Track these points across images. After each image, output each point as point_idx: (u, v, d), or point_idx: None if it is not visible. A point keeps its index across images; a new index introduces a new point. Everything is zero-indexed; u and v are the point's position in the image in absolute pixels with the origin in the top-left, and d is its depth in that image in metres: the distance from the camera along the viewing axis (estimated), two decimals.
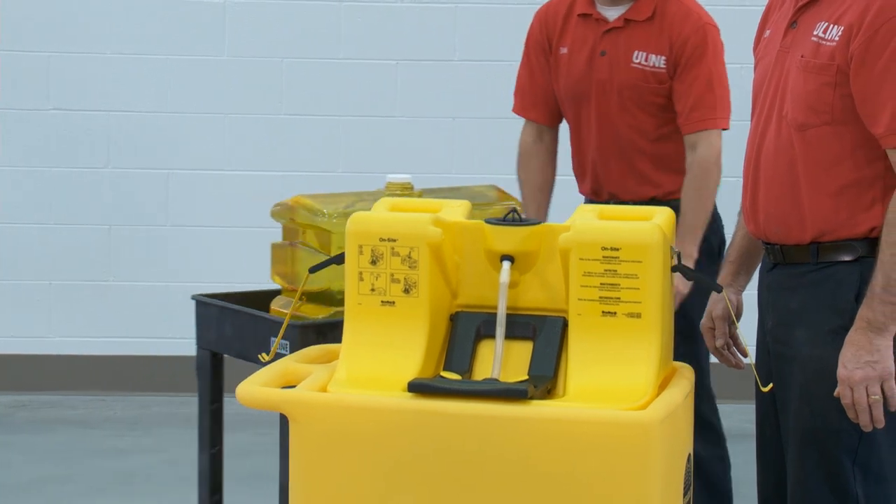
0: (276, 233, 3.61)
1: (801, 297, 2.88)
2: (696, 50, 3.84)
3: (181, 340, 6.07)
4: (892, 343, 2.76)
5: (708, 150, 3.82)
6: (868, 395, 2.75)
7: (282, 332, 3.00)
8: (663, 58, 3.85)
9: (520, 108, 4.07)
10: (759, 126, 2.94)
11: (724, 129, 3.86)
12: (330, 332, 3.33)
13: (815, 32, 2.84)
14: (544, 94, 4.01)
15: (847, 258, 2.84)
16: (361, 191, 3.67)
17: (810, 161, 2.85)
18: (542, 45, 3.98)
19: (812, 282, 2.87)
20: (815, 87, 2.83)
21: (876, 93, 2.76)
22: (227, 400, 3.73)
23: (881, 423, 2.77)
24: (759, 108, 2.95)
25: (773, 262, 2.94)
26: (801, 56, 2.85)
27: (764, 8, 3.05)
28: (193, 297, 3.70)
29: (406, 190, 3.23)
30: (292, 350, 3.28)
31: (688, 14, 3.87)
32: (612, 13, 3.89)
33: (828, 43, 2.81)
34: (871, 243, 2.82)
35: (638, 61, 3.86)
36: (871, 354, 2.75)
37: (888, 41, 2.75)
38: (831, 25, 2.81)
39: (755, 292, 3.01)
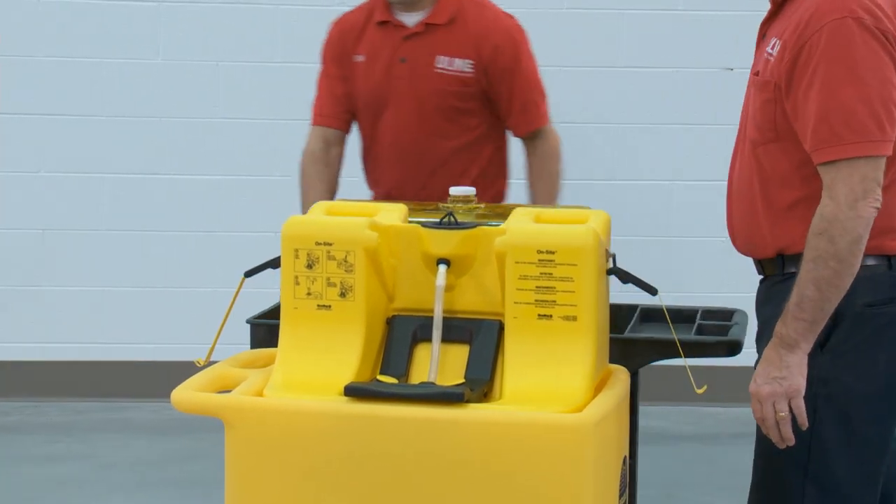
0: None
1: (770, 308, 2.88)
2: (511, 57, 3.83)
3: (115, 345, 6.04)
4: (803, 360, 2.74)
5: (546, 143, 3.92)
6: (776, 412, 2.74)
7: (217, 335, 2.98)
8: (469, 62, 3.79)
9: (318, 119, 3.96)
10: (736, 144, 2.97)
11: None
12: None
13: (767, 48, 2.84)
14: (341, 103, 3.92)
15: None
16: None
17: (764, 178, 2.85)
18: (338, 54, 3.90)
19: (778, 293, 2.86)
20: (760, 104, 2.84)
21: (802, 110, 2.75)
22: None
23: (791, 440, 2.74)
24: (739, 126, 2.96)
25: (758, 275, 2.97)
26: (756, 73, 2.87)
27: None
28: (249, 321, 3.33)
29: (468, 201, 3.08)
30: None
31: (493, 19, 3.84)
32: (411, 19, 3.82)
33: (771, 59, 2.82)
34: None
35: (442, 66, 3.79)
36: (779, 371, 2.73)
37: (811, 57, 2.73)
38: (777, 41, 2.81)
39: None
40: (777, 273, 2.89)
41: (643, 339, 3.15)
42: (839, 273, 2.70)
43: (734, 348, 3.12)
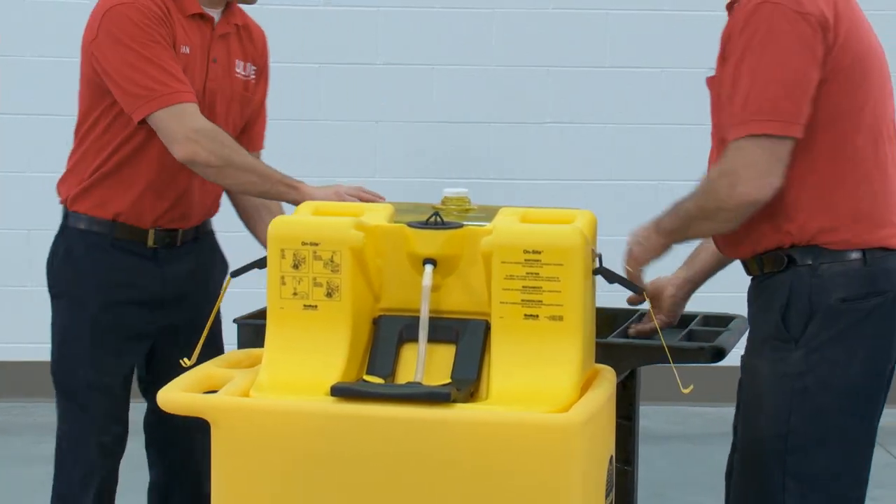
0: None
1: (755, 308, 2.95)
2: (267, 64, 3.66)
3: None
4: (659, 246, 2.92)
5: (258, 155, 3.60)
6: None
7: (204, 335, 2.98)
8: (254, 69, 3.55)
9: (188, 95, 3.28)
10: (711, 149, 3.00)
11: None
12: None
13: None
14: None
15: (777, 269, 2.87)
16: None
17: None
18: (168, 36, 3.32)
19: (762, 291, 2.91)
20: (713, 103, 2.91)
21: (726, 93, 2.81)
22: None
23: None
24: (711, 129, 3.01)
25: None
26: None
27: None
28: (236, 321, 3.35)
29: (461, 204, 3.07)
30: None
31: (257, 25, 3.62)
32: (216, 15, 3.44)
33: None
34: (806, 253, 2.84)
35: (238, 71, 3.51)
36: (645, 239, 2.94)
37: (730, 42, 2.81)
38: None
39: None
40: (759, 273, 2.90)
41: (627, 345, 3.15)
42: (711, 220, 2.83)
43: (718, 355, 3.12)
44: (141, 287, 3.40)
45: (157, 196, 3.38)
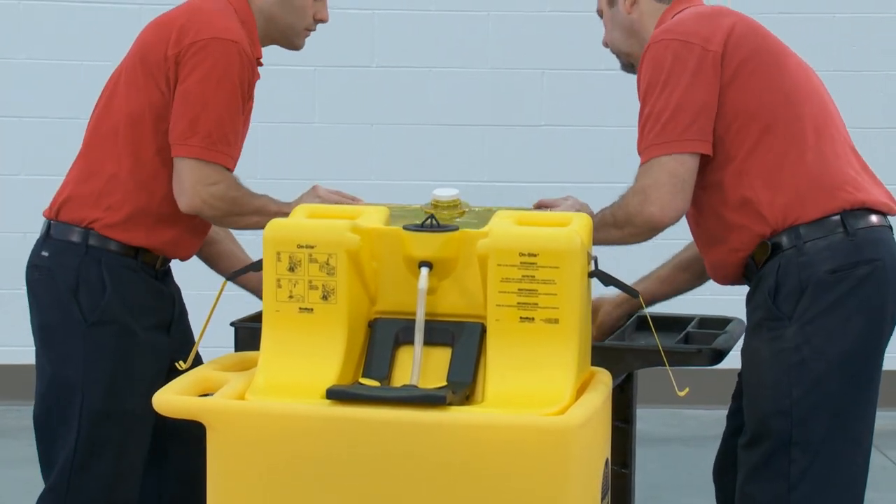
0: None
1: (751, 306, 3.05)
2: None
3: None
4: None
5: None
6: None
7: (199, 337, 2.98)
8: None
9: (230, 161, 3.21)
10: None
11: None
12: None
13: None
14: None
15: (766, 258, 2.97)
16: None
17: (699, 213, 3.10)
18: (248, 84, 3.23)
19: (753, 284, 3.03)
20: None
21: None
22: None
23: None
24: None
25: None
26: None
27: None
28: (233, 324, 3.38)
29: (453, 207, 3.07)
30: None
31: None
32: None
33: None
34: (787, 236, 2.94)
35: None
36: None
37: (638, 79, 3.05)
38: None
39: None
40: (756, 271, 3.01)
41: (624, 348, 3.15)
42: (620, 229, 3.01)
43: (717, 357, 3.13)
44: (161, 309, 3.30)
45: (193, 234, 3.29)
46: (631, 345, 3.18)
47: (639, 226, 2.96)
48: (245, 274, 2.97)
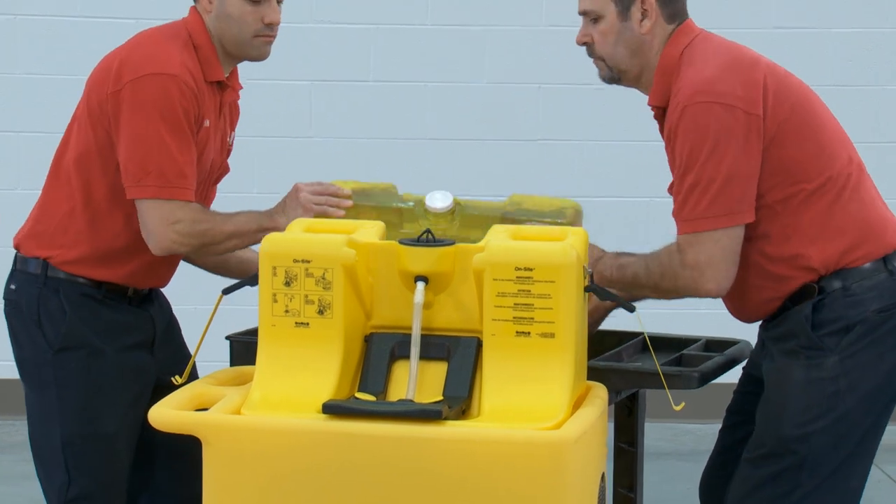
0: None
1: (780, 329, 3.09)
2: None
3: None
4: (608, 277, 3.05)
5: None
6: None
7: (195, 352, 2.97)
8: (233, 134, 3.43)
9: (187, 193, 3.17)
10: None
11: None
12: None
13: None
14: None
15: (808, 299, 3.01)
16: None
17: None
18: (193, 113, 3.18)
19: (784, 314, 3.08)
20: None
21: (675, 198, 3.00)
22: None
23: None
24: None
25: None
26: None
27: None
28: (228, 338, 3.36)
29: (447, 219, 3.06)
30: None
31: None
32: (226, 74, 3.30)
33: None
34: (835, 279, 2.99)
35: (229, 142, 3.42)
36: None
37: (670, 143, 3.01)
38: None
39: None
40: (787, 310, 3.04)
41: (613, 368, 3.13)
42: (657, 294, 3.04)
43: (701, 381, 3.12)
44: (139, 329, 3.28)
45: (161, 264, 3.27)
46: (621, 365, 3.18)
47: (688, 295, 2.98)
48: (240, 288, 2.97)
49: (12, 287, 3.29)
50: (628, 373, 3.12)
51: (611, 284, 3.01)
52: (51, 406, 3.22)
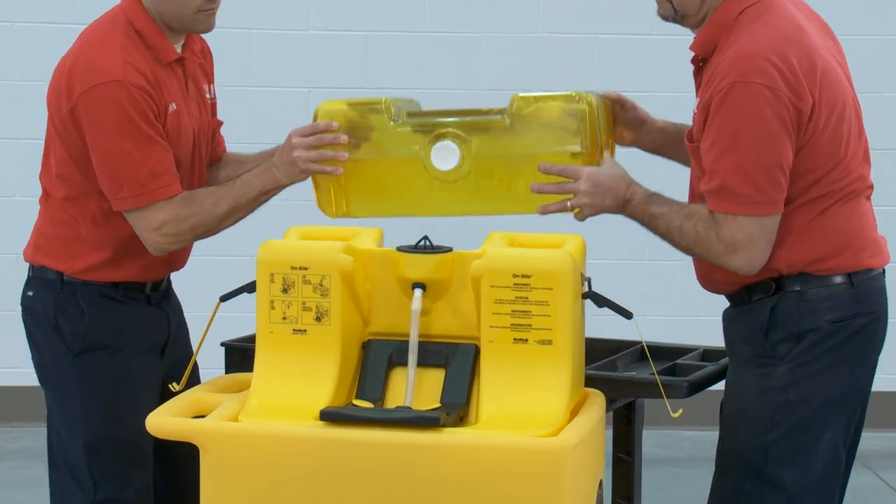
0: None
1: (736, 329, 3.05)
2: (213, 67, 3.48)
3: None
4: (615, 206, 2.96)
5: None
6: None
7: (193, 359, 2.97)
8: (212, 85, 3.38)
9: (165, 191, 3.12)
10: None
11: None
12: None
13: (693, 109, 3.00)
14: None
15: (764, 295, 2.97)
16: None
17: None
18: (151, 111, 3.12)
19: (741, 312, 3.04)
20: (695, 167, 3.05)
21: (707, 168, 2.93)
22: None
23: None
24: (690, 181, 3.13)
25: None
26: (689, 137, 3.05)
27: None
28: (223, 344, 3.41)
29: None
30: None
31: (201, 37, 3.38)
32: (178, 47, 3.25)
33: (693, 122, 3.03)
34: (793, 280, 2.94)
35: (208, 97, 3.35)
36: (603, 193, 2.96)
37: (710, 119, 2.90)
38: (697, 101, 3.01)
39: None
40: (748, 300, 2.99)
41: (604, 378, 3.13)
42: (689, 252, 2.95)
43: (691, 390, 3.12)
44: (155, 329, 3.27)
45: (164, 259, 3.24)
46: (612, 375, 3.18)
47: (713, 262, 2.93)
48: (238, 295, 2.96)
49: (29, 294, 3.28)
50: (619, 382, 3.12)
51: (644, 217, 2.97)
52: (73, 410, 3.20)
